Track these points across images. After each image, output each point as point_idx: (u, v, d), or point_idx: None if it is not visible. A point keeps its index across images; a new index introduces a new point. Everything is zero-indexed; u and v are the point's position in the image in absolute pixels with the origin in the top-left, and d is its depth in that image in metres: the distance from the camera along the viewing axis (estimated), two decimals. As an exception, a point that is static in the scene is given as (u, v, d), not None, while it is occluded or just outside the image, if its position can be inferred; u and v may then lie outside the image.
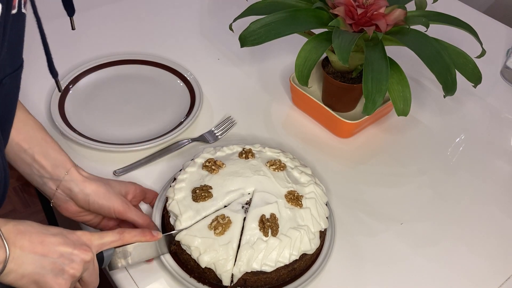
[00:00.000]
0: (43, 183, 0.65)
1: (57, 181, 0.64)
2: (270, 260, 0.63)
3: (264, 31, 0.79)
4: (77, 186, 0.64)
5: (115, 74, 0.96)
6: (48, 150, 0.64)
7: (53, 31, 1.06)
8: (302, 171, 0.73)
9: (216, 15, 1.17)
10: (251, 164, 0.72)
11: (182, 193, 0.68)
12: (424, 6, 0.87)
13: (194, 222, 0.66)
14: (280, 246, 0.64)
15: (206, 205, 0.67)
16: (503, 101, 1.02)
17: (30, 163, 0.63)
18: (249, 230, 0.64)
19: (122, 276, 0.67)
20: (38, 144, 0.64)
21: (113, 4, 1.15)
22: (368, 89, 0.73)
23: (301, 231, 0.65)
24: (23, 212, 1.74)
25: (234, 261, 0.63)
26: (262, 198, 0.68)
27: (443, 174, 0.86)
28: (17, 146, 0.62)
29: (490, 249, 0.75)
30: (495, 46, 1.13)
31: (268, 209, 0.66)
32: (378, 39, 0.76)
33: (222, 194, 0.68)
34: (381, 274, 0.71)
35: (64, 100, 0.89)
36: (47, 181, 0.64)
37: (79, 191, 0.64)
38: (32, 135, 0.64)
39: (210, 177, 0.70)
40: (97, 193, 0.64)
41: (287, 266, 0.64)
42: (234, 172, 0.70)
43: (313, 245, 0.66)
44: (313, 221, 0.67)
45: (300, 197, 0.69)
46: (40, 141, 0.64)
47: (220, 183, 0.69)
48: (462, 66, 0.81)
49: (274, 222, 0.65)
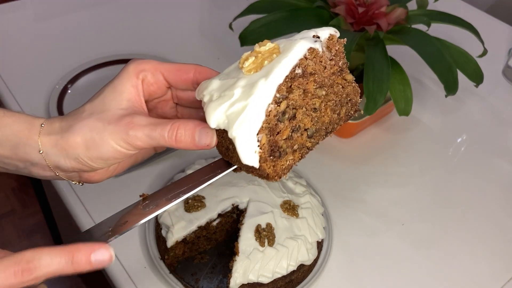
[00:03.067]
0: (30, 172, 0.47)
1: (35, 164, 0.46)
2: (267, 270, 0.62)
3: (264, 30, 0.78)
4: (58, 156, 0.45)
5: (114, 73, 0.94)
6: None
7: (52, 30, 1.06)
8: (297, 181, 0.73)
9: (215, 14, 1.17)
10: (245, 173, 0.71)
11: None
12: (426, 5, 0.87)
13: (187, 232, 0.65)
14: (277, 256, 0.62)
15: (199, 215, 0.66)
16: (505, 100, 1.02)
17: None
18: (245, 240, 0.63)
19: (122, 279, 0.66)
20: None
21: (112, 3, 1.15)
22: (369, 88, 0.72)
23: (298, 241, 0.64)
24: (21, 212, 1.73)
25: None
26: (257, 207, 0.66)
27: (445, 174, 0.86)
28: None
29: (491, 250, 0.75)
30: (497, 45, 1.13)
31: (263, 219, 0.65)
32: (379, 38, 0.75)
33: (215, 203, 0.67)
34: (382, 275, 0.70)
35: (63, 100, 0.88)
36: (31, 169, 0.47)
37: (71, 161, 0.45)
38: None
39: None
40: (90, 141, 0.43)
41: (285, 278, 0.63)
42: (227, 182, 0.69)
43: (310, 255, 0.65)
44: (310, 231, 0.66)
45: (296, 206, 0.68)
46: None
47: (213, 193, 0.68)
48: (464, 66, 0.80)
49: (270, 232, 0.64)
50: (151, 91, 0.48)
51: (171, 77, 0.48)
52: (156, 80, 0.48)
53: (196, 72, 0.48)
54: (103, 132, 0.43)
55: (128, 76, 0.47)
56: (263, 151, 0.41)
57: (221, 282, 0.66)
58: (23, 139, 0.45)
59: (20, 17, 1.07)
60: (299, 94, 0.43)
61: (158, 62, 0.48)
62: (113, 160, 0.45)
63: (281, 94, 0.41)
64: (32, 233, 1.65)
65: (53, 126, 0.45)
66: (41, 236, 1.63)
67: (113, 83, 0.47)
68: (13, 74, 0.94)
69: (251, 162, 0.41)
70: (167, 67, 0.48)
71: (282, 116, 0.42)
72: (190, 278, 0.66)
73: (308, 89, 0.43)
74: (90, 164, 0.45)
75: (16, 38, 1.03)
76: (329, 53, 0.45)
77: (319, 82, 0.44)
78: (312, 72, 0.43)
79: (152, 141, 0.43)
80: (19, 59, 0.98)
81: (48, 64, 0.97)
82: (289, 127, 0.43)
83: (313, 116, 0.45)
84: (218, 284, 0.66)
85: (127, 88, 0.46)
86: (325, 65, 0.44)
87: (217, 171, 0.47)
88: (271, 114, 0.41)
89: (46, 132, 0.45)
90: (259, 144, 0.41)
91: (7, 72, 0.94)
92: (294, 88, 0.42)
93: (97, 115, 0.45)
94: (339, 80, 0.46)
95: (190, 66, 0.48)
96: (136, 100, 0.46)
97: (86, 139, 0.44)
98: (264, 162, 0.42)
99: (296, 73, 0.42)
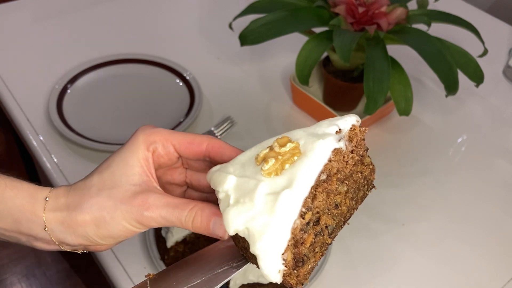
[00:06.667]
0: (32, 245, 0.45)
1: (39, 239, 0.44)
2: None
3: (264, 29, 0.78)
4: (64, 233, 0.42)
5: (113, 73, 0.95)
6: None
7: (52, 30, 1.06)
8: None
9: (215, 13, 1.17)
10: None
11: None
12: (426, 5, 0.86)
13: (187, 232, 0.64)
14: None
15: None
16: (505, 100, 1.01)
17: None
18: None
19: (122, 279, 0.66)
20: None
21: (111, 3, 1.15)
22: (370, 88, 0.72)
23: None
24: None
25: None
26: None
27: (445, 174, 0.86)
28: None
29: (492, 250, 0.74)
30: (498, 45, 1.12)
31: None
32: (379, 38, 0.75)
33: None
34: (382, 276, 0.70)
35: (62, 100, 0.88)
36: (33, 242, 0.44)
37: (78, 239, 0.43)
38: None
39: None
40: (100, 220, 0.42)
41: None
42: None
43: None
44: None
45: None
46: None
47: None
48: (464, 65, 0.80)
49: None
50: (161, 163, 0.46)
51: (182, 149, 0.46)
52: (167, 152, 0.45)
53: (209, 146, 0.45)
54: (115, 211, 0.41)
55: (138, 148, 0.44)
56: (288, 268, 0.37)
57: (221, 282, 0.66)
58: (27, 215, 0.42)
59: (20, 17, 1.07)
60: (323, 199, 0.38)
61: (169, 132, 0.45)
62: (123, 238, 0.43)
63: (307, 206, 0.37)
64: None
65: (59, 201, 0.43)
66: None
67: (123, 155, 0.44)
68: (13, 74, 0.94)
69: (274, 280, 0.38)
70: (178, 139, 0.45)
71: (306, 227, 0.38)
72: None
73: (331, 189, 0.39)
74: (99, 241, 0.43)
75: (15, 38, 1.02)
76: (350, 145, 0.40)
77: (341, 179, 0.40)
78: (336, 172, 0.39)
79: (167, 222, 0.42)
80: (18, 59, 0.98)
81: (48, 64, 0.97)
82: (313, 234, 0.38)
83: (334, 214, 0.40)
84: (218, 284, 0.66)
85: (138, 162, 0.43)
86: (347, 159, 0.40)
87: (232, 264, 0.42)
88: (296, 230, 0.37)
89: (52, 208, 0.42)
90: (284, 263, 0.37)
91: (7, 72, 0.94)
92: (317, 194, 0.38)
93: (107, 191, 0.42)
94: (359, 168, 0.42)
95: (203, 139, 0.45)
96: (147, 175, 0.44)
97: (96, 218, 0.41)
98: (288, 276, 0.38)
99: (321, 179, 0.38)
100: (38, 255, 1.53)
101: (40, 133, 0.83)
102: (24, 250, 1.53)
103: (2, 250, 1.54)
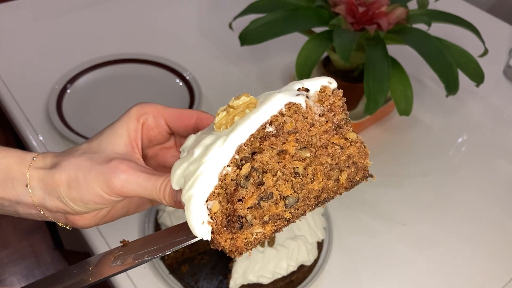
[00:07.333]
0: (16, 211, 0.45)
1: (21, 202, 0.43)
2: (267, 271, 0.62)
3: (264, 29, 0.78)
4: (43, 192, 0.42)
5: (113, 73, 0.95)
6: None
7: (52, 30, 1.06)
8: None
9: (215, 13, 1.16)
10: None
11: None
12: (426, 5, 0.86)
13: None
14: (277, 257, 0.62)
15: None
16: (505, 100, 1.01)
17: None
18: None
19: (122, 279, 0.66)
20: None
21: (111, 3, 1.14)
22: (370, 88, 0.72)
23: (299, 241, 0.64)
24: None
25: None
26: None
27: (445, 174, 0.85)
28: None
29: (492, 250, 0.74)
30: (498, 45, 1.12)
31: None
32: (379, 38, 0.75)
33: None
34: (383, 276, 0.70)
35: (62, 100, 0.88)
36: (16, 207, 0.44)
37: (54, 200, 0.42)
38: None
39: None
40: (74, 179, 0.41)
41: (285, 278, 0.63)
42: None
43: (311, 256, 0.65)
44: (310, 231, 0.66)
45: None
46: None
47: None
48: (465, 65, 0.80)
49: None
50: (152, 136, 0.46)
51: (173, 122, 0.46)
52: (157, 124, 0.45)
53: (198, 119, 0.45)
54: (89, 172, 0.41)
55: (129, 119, 0.44)
56: (214, 222, 0.35)
57: (221, 282, 0.66)
58: (12, 173, 0.42)
59: (20, 17, 1.07)
60: (271, 156, 0.37)
61: (162, 106, 0.45)
62: (93, 205, 0.42)
63: (243, 155, 0.36)
64: (31, 233, 1.65)
65: (46, 160, 0.43)
66: (40, 237, 1.62)
67: (114, 125, 0.45)
68: (13, 74, 0.94)
69: (200, 234, 0.35)
70: (169, 112, 0.45)
71: (244, 181, 0.36)
72: (190, 278, 0.66)
73: (286, 150, 0.37)
74: (71, 205, 0.42)
75: (15, 38, 1.02)
76: (319, 108, 0.38)
77: (302, 142, 0.38)
78: (293, 131, 0.37)
79: (143, 190, 0.40)
80: (18, 59, 0.98)
81: (48, 64, 0.97)
82: (256, 194, 0.37)
83: (294, 182, 0.38)
84: (218, 284, 0.65)
85: (126, 132, 0.44)
86: (312, 122, 0.38)
87: (190, 234, 0.39)
88: (227, 178, 0.35)
89: (37, 165, 0.43)
90: (209, 213, 0.35)
91: (7, 72, 0.94)
92: (264, 148, 0.36)
93: (89, 155, 0.42)
94: (335, 140, 0.39)
95: (193, 112, 0.46)
96: (132, 146, 0.44)
97: (70, 176, 0.41)
98: (217, 234, 0.36)
99: (267, 131, 0.36)
100: (38, 255, 1.53)
101: (39, 133, 0.83)
102: (24, 250, 1.53)
103: (2, 250, 1.54)
